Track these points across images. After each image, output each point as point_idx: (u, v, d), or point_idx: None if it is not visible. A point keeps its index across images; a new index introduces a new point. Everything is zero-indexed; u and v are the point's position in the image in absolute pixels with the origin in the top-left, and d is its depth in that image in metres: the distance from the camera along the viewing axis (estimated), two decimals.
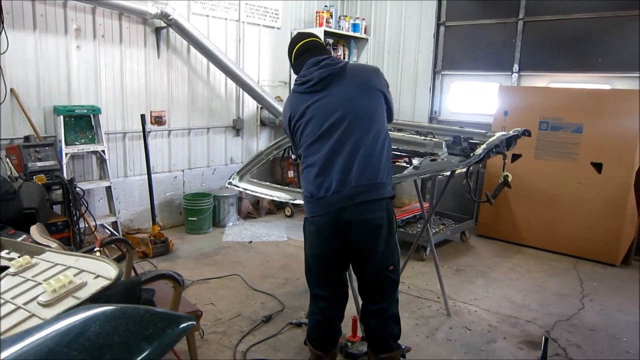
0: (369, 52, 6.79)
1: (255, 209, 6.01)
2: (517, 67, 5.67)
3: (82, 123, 4.39)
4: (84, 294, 1.40)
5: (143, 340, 0.89)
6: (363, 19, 6.68)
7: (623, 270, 4.65)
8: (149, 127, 4.95)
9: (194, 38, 4.92)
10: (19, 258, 1.65)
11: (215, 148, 5.78)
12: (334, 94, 2.29)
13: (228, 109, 5.82)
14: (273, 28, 6.09)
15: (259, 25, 5.91)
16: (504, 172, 2.97)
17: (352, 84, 2.31)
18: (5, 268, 1.61)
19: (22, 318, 1.29)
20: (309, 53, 2.45)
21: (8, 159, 3.90)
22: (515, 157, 5.11)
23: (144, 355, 0.85)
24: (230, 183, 3.60)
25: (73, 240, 3.92)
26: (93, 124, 4.45)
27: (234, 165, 5.81)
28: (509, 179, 2.96)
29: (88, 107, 4.41)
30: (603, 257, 4.76)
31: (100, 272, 1.52)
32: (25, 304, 1.36)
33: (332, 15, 6.30)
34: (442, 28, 6.22)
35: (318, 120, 2.26)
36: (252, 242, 5.07)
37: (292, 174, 6.26)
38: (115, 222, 4.69)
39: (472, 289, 4.08)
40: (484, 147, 2.88)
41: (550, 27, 5.45)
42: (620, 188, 4.61)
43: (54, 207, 4.09)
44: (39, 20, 4.10)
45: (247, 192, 3.56)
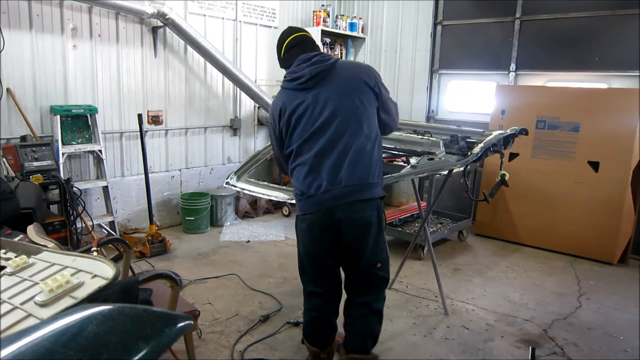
0: (366, 51, 6.79)
1: (253, 209, 6.00)
2: (514, 66, 5.68)
3: (79, 123, 4.38)
4: (81, 294, 1.40)
5: (140, 340, 0.88)
6: (360, 18, 6.68)
7: (620, 269, 4.67)
8: (146, 126, 4.94)
9: (191, 37, 4.92)
10: (16, 258, 1.64)
11: (213, 147, 5.77)
12: (325, 92, 2.26)
13: (225, 109, 5.81)
14: (270, 27, 6.08)
15: (256, 25, 5.91)
16: (501, 171, 2.97)
17: (342, 82, 2.28)
18: (2, 268, 1.60)
19: (19, 318, 1.29)
20: (299, 47, 2.42)
21: (4, 159, 3.89)
22: (513, 156, 5.13)
23: (142, 355, 0.85)
24: (228, 183, 3.59)
25: (70, 240, 3.91)
26: (90, 124, 4.44)
27: (232, 165, 5.81)
28: (506, 178, 2.96)
29: (85, 106, 4.40)
30: (600, 255, 4.77)
31: (98, 271, 1.51)
32: (22, 304, 1.36)
33: (329, 15, 6.30)
34: (439, 27, 6.22)
35: (309, 119, 2.25)
36: (249, 241, 5.06)
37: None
38: (113, 221, 4.68)
39: (469, 288, 4.09)
40: (482, 146, 2.89)
41: (547, 26, 5.46)
42: (617, 187, 4.62)
43: (51, 207, 4.08)
44: (35, 20, 4.09)
45: (244, 191, 3.56)
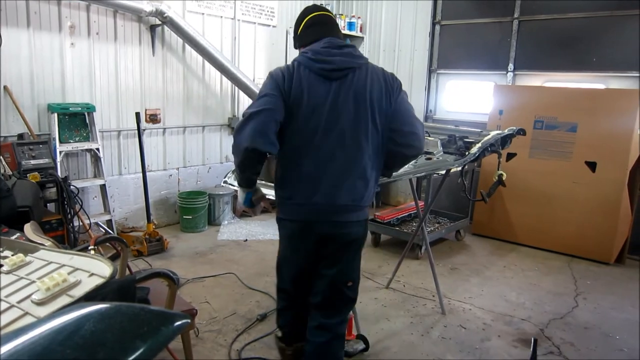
0: (365, 50, 6.79)
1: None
2: (512, 66, 5.69)
3: (76, 121, 4.37)
4: (78, 292, 1.39)
5: (137, 338, 0.88)
6: (359, 18, 6.68)
7: (617, 269, 4.68)
8: (144, 125, 4.93)
9: (189, 36, 4.91)
10: (13, 256, 1.64)
11: (211, 146, 5.77)
12: (345, 93, 2.02)
13: (223, 107, 5.81)
14: (269, 26, 6.08)
15: (255, 24, 5.90)
16: (499, 170, 2.98)
17: (365, 90, 2.03)
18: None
19: (15, 316, 1.28)
20: (323, 28, 2.15)
21: (2, 157, 3.87)
22: (510, 155, 5.13)
23: (138, 353, 0.85)
24: (226, 182, 3.59)
25: (67, 239, 3.90)
26: (87, 122, 4.43)
27: (229, 164, 5.80)
28: (504, 178, 2.97)
29: (82, 104, 4.39)
30: (597, 255, 4.79)
31: (95, 270, 1.51)
32: (19, 302, 1.35)
33: None
34: (437, 27, 6.23)
35: (320, 117, 2.00)
36: (247, 240, 5.06)
37: None
38: (110, 220, 4.68)
39: (466, 288, 4.09)
40: (479, 145, 2.89)
41: (545, 26, 5.47)
42: (614, 187, 4.63)
43: (48, 205, 4.07)
44: (33, 18, 4.07)
45: None
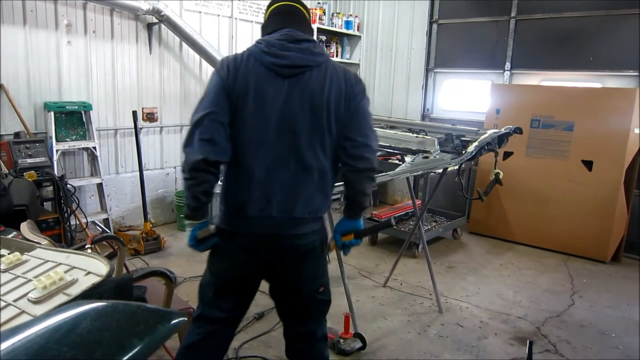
0: (362, 49, 6.80)
1: None
2: (509, 65, 5.70)
3: (73, 119, 4.36)
4: (75, 291, 1.39)
5: (134, 336, 0.88)
6: (356, 17, 6.68)
7: (613, 267, 4.70)
8: (141, 123, 4.92)
9: (187, 34, 4.90)
10: (9, 255, 1.63)
11: None
12: (300, 94, 1.79)
13: None
14: None
15: (252, 22, 5.89)
16: (496, 169, 2.99)
17: (324, 93, 1.80)
18: None
19: (12, 315, 1.28)
20: (287, 18, 1.92)
21: None
22: (507, 154, 5.14)
23: (135, 351, 0.85)
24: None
25: (64, 238, 3.89)
26: (84, 121, 4.42)
27: None
28: (501, 177, 2.98)
29: (79, 103, 4.38)
30: (593, 254, 4.81)
31: (91, 268, 1.51)
32: (16, 301, 1.35)
33: (325, 13, 6.30)
34: (434, 26, 6.23)
35: (269, 117, 1.78)
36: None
37: None
38: (107, 219, 4.67)
39: (463, 286, 4.10)
40: (476, 144, 2.90)
41: (542, 25, 5.48)
42: (611, 186, 4.65)
43: (45, 204, 4.06)
44: (29, 16, 4.06)
45: None
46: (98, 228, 4.64)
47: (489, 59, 5.86)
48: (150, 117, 5.09)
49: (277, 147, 1.79)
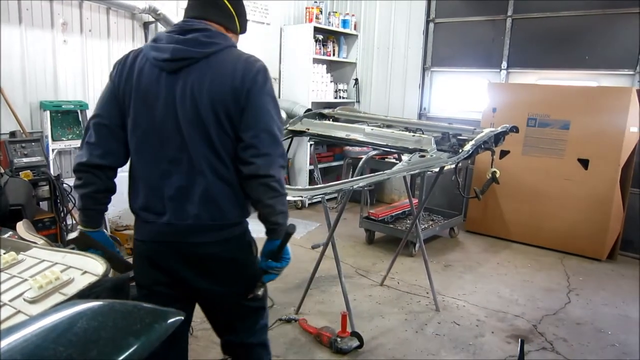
0: (359, 48, 6.80)
1: None
2: (505, 64, 5.71)
3: (69, 119, 4.34)
4: (71, 290, 1.39)
5: (130, 335, 0.88)
6: (353, 15, 6.68)
7: (609, 265, 4.72)
8: None
9: None
10: (5, 254, 1.63)
11: None
12: (183, 90, 1.61)
13: None
14: (262, 24, 6.06)
15: (248, 21, 5.86)
16: (492, 168, 2.99)
17: (205, 87, 1.61)
18: None
19: (8, 315, 1.28)
20: (194, 6, 1.76)
21: None
22: (504, 153, 5.16)
23: (132, 350, 0.85)
24: None
25: (60, 237, 3.88)
26: (80, 120, 4.40)
27: None
28: (497, 175, 2.98)
29: (75, 102, 4.36)
30: (589, 252, 4.82)
31: (88, 268, 1.51)
32: (11, 301, 1.35)
33: (321, 12, 6.30)
34: (431, 25, 6.24)
35: (154, 117, 1.64)
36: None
37: None
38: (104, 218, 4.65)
39: (460, 284, 4.11)
40: (473, 143, 2.90)
41: (539, 24, 5.49)
42: (607, 184, 4.67)
43: (41, 203, 4.04)
44: (25, 14, 4.04)
45: None
46: None
47: (486, 58, 5.87)
48: None
49: (168, 149, 1.64)
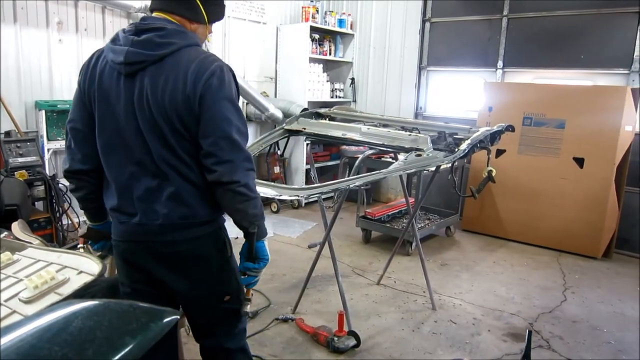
0: (355, 47, 6.80)
1: None
2: (501, 63, 5.72)
3: (64, 118, 4.26)
4: (67, 290, 1.39)
5: (126, 335, 0.88)
6: (349, 15, 6.68)
7: (604, 263, 4.74)
8: None
9: None
10: (0, 254, 1.62)
11: None
12: (140, 95, 1.58)
13: None
14: (259, 23, 6.05)
15: (245, 20, 5.87)
16: (488, 167, 3.00)
17: (159, 92, 1.57)
18: None
19: (3, 315, 1.27)
20: (156, 2, 1.68)
21: None
22: (499, 152, 5.17)
23: (127, 350, 0.85)
24: None
25: (55, 237, 3.87)
26: None
27: None
28: (493, 174, 2.99)
29: (70, 102, 4.31)
30: (585, 250, 4.84)
31: (84, 268, 1.50)
32: (7, 301, 1.34)
33: (318, 11, 6.30)
34: (427, 24, 6.24)
35: (118, 121, 1.63)
36: (238, 237, 4.98)
37: (278, 170, 6.25)
38: None
39: (457, 283, 4.12)
40: (469, 142, 2.90)
41: (534, 24, 5.51)
42: (602, 183, 4.69)
43: (36, 203, 4.03)
44: (20, 13, 4.02)
45: None
46: None
47: (482, 57, 5.88)
48: None
49: (133, 152, 1.64)
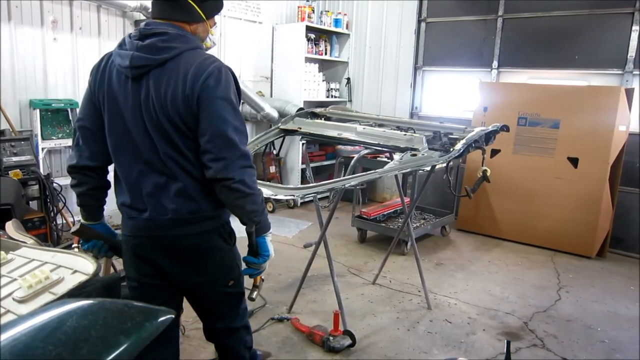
0: (351, 47, 6.80)
1: None
2: (496, 63, 5.74)
3: (59, 117, 4.31)
4: (61, 290, 1.38)
5: (121, 334, 0.88)
6: (345, 15, 6.68)
7: (598, 263, 4.77)
8: None
9: None
10: None
11: None
12: (146, 98, 1.69)
13: None
14: (255, 22, 6.05)
15: (241, 20, 5.87)
16: (483, 166, 3.00)
17: (162, 95, 1.67)
18: None
19: None
20: (157, 7, 1.77)
21: None
22: (494, 152, 5.19)
23: (122, 349, 0.84)
24: None
25: (50, 237, 3.85)
26: (70, 118, 4.37)
27: None
28: (488, 174, 3.00)
29: (65, 100, 4.33)
30: (579, 249, 4.87)
31: (78, 267, 1.50)
32: (1, 300, 1.34)
33: (313, 11, 6.30)
34: (423, 24, 6.26)
35: (126, 122, 1.73)
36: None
37: (273, 170, 6.24)
38: None
39: (452, 283, 4.13)
40: (464, 142, 2.91)
41: (529, 24, 5.53)
42: (596, 182, 4.71)
43: (30, 203, 4.01)
44: (14, 12, 4.00)
45: None
46: None
47: (477, 57, 5.90)
48: None
49: (142, 151, 1.74)
